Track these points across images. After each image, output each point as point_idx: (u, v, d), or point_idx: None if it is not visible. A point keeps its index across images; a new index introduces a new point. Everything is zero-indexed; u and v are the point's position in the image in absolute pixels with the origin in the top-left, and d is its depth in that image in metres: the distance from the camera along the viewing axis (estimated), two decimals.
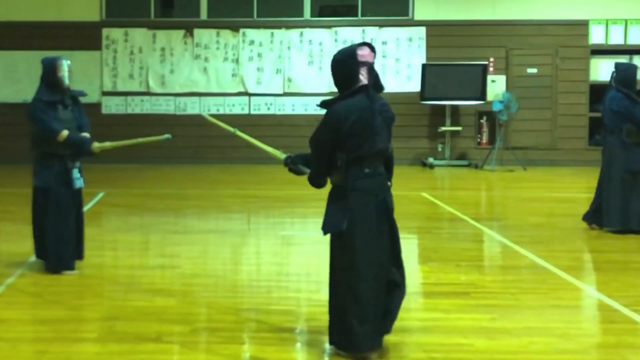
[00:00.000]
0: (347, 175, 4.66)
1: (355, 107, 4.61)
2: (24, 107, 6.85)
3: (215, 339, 5.07)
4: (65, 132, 6.62)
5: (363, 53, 4.65)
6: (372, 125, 4.62)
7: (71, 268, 6.71)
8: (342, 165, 4.65)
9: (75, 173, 6.77)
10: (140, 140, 7.33)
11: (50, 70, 6.74)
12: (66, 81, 6.73)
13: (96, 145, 6.78)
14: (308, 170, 4.95)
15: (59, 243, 6.68)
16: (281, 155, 5.23)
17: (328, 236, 4.90)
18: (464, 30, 16.82)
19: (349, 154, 4.63)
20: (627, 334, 5.21)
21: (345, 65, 4.66)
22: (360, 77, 4.64)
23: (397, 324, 5.35)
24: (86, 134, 6.79)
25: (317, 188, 4.92)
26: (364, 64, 4.65)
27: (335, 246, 4.77)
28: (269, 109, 16.98)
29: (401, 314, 5.59)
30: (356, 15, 17.11)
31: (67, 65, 6.75)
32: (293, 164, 5.03)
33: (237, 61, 16.99)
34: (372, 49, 4.71)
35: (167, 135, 7.02)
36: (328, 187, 4.95)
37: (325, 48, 16.94)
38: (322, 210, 4.98)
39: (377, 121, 4.64)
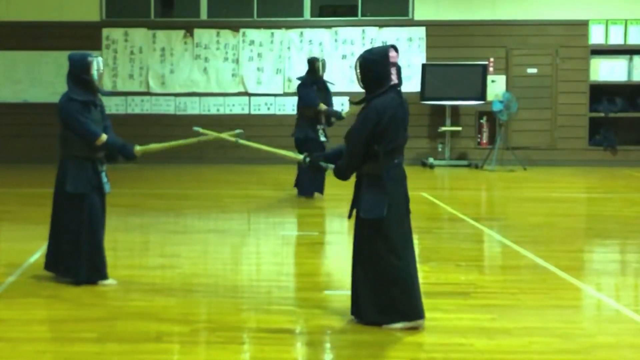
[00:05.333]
0: (382, 165, 5.10)
1: (390, 103, 5.11)
2: (58, 107, 6.30)
3: (215, 339, 5.07)
4: (104, 136, 6.27)
5: (393, 54, 5.18)
6: (402, 120, 5.18)
7: (107, 277, 6.38)
8: (379, 156, 5.08)
9: (104, 177, 6.43)
10: (193, 140, 6.67)
11: (81, 68, 6.30)
12: (97, 80, 6.33)
13: (138, 149, 6.38)
14: (330, 166, 5.38)
15: (94, 252, 6.32)
16: (297, 155, 5.51)
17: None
18: (464, 30, 16.82)
19: (385, 146, 5.09)
20: (627, 334, 5.21)
21: (380, 65, 5.15)
22: (392, 76, 5.14)
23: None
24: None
25: (343, 180, 5.33)
26: (394, 64, 5.17)
27: (372, 230, 5.14)
28: (269, 109, 16.98)
29: None
30: (356, 15, 17.11)
31: (98, 63, 6.34)
32: (313, 163, 5.48)
33: (237, 61, 16.99)
34: (397, 51, 5.25)
35: (238, 130, 6.44)
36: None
37: (325, 48, 16.94)
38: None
39: (405, 117, 5.22)
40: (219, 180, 14.30)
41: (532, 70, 16.82)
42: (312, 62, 11.51)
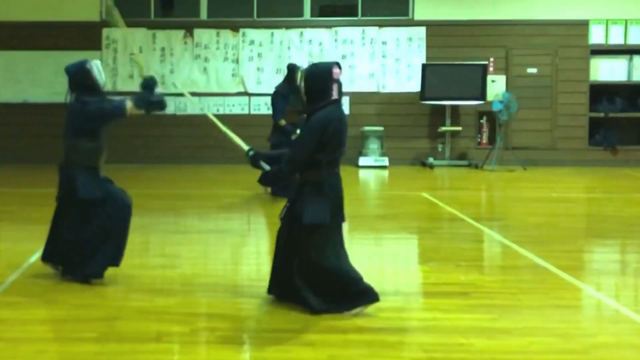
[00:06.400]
0: (323, 173, 5.43)
1: (333, 116, 5.43)
2: (73, 113, 6.43)
3: (215, 339, 5.07)
4: (129, 103, 6.46)
5: (336, 71, 5.48)
6: (343, 132, 5.50)
7: (102, 277, 6.44)
8: (321, 165, 5.40)
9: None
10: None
11: (82, 76, 6.45)
12: (102, 80, 6.53)
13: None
14: (267, 168, 5.69)
15: (94, 252, 6.41)
16: (245, 146, 5.70)
17: None
18: (464, 30, 16.82)
19: (328, 156, 5.41)
20: (627, 334, 5.21)
21: (323, 80, 5.46)
22: (333, 92, 5.47)
23: (397, 323, 5.38)
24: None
25: (281, 184, 5.71)
26: (336, 80, 5.48)
27: (308, 235, 5.44)
28: (269, 109, 16.87)
29: (401, 313, 5.64)
30: (356, 15, 17.12)
31: (96, 66, 6.49)
32: (254, 159, 5.76)
33: (237, 61, 17.00)
34: (341, 68, 5.55)
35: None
36: None
37: (325, 48, 16.95)
38: None
39: (345, 130, 5.52)
40: (219, 180, 14.30)
41: (532, 70, 16.83)
42: (293, 71, 11.66)
